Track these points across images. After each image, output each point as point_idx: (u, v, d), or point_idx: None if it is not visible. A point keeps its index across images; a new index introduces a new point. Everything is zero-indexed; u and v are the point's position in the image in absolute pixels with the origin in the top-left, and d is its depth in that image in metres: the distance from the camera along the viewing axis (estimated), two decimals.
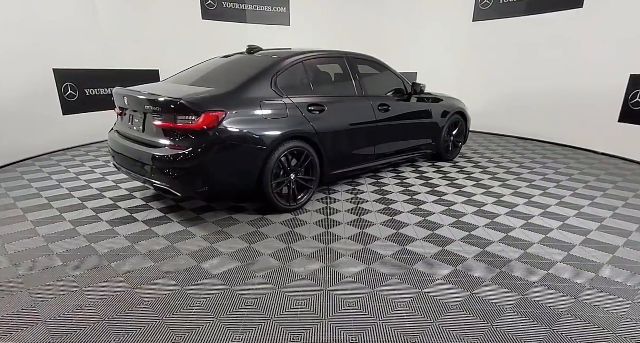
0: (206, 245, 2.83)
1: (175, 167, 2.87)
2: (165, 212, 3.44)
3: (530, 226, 3.24)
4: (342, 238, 2.95)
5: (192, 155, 2.83)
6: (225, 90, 3.09)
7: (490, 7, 7.78)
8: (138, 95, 3.13)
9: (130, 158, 3.20)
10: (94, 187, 4.13)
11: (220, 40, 7.91)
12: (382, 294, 2.24)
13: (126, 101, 3.22)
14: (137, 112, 3.21)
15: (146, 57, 7.10)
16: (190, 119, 2.84)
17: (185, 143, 2.87)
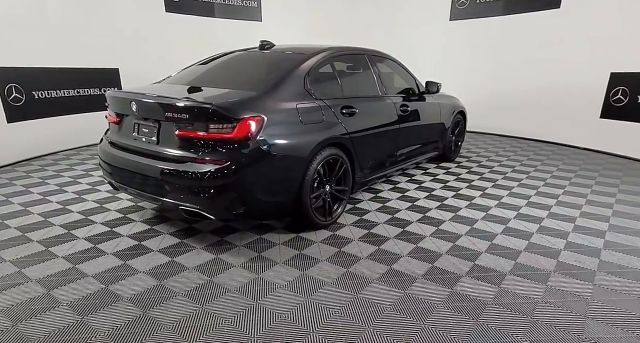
0: (251, 275, 2.37)
1: (209, 185, 2.38)
2: (180, 237, 2.90)
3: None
4: (401, 256, 2.64)
5: (230, 170, 2.36)
6: (261, 93, 2.65)
7: (467, 6, 7.86)
8: (154, 100, 2.60)
9: (140, 175, 2.65)
10: (73, 209, 3.44)
11: (187, 35, 7.27)
12: (484, 322, 1.96)
13: (134, 107, 2.64)
14: (147, 119, 2.66)
15: (104, 54, 6.29)
16: (226, 127, 2.37)
17: (219, 156, 2.39)
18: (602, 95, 6.13)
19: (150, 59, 7.01)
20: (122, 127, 2.88)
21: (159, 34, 6.98)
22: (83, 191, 3.92)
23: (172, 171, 2.45)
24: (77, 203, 3.59)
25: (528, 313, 2.03)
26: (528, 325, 1.94)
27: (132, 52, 6.69)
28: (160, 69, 7.17)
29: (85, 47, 5.99)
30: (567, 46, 6.54)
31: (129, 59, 6.70)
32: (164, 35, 7.03)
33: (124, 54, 6.58)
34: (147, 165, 2.59)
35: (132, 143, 2.77)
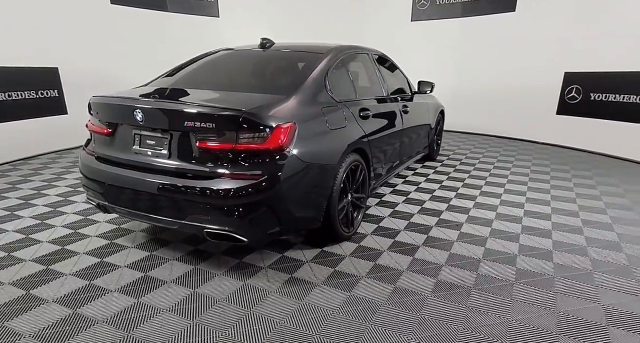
0: (294, 302, 2.09)
1: (242, 203, 2.06)
2: (191, 263, 2.52)
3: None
4: (441, 265, 2.51)
5: (266, 185, 2.06)
6: (288, 96, 2.36)
7: (428, 8, 8.05)
8: (171, 106, 2.21)
9: (147, 194, 2.24)
10: (41, 238, 2.87)
11: (135, 31, 6.64)
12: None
13: (138, 116, 2.21)
14: (154, 130, 2.25)
15: (41, 51, 5.50)
16: (258, 137, 2.07)
17: (253, 169, 2.07)
18: (557, 93, 6.58)
19: (97, 57, 6.28)
20: (116, 139, 2.42)
21: (104, 28, 6.27)
22: (43, 215, 3.31)
23: (196, 189, 2.09)
24: (43, 230, 3.00)
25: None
26: None
27: (74, 49, 5.92)
28: (109, 68, 6.47)
29: (19, 44, 5.17)
30: (523, 47, 6.93)
31: (70, 57, 5.92)
32: (110, 30, 6.35)
33: (64, 51, 5.81)
34: (157, 183, 2.19)
35: (133, 157, 2.34)
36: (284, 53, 3.08)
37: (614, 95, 5.85)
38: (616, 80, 5.79)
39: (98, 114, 2.45)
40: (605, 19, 5.82)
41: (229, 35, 7.85)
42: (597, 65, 5.99)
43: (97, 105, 2.45)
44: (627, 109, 5.68)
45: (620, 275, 2.43)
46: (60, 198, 3.73)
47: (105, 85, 6.44)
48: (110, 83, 6.47)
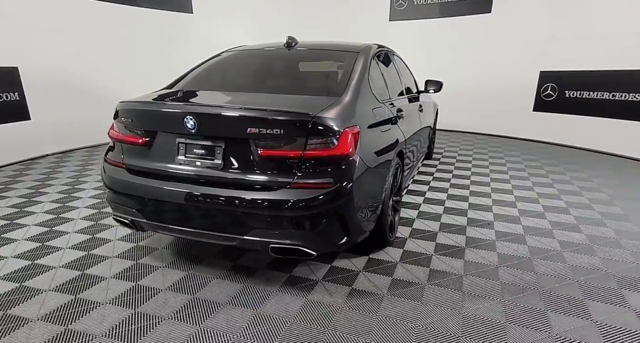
0: (367, 317, 1.97)
1: (314, 214, 1.91)
2: (238, 280, 2.31)
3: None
4: (497, 266, 2.50)
5: (337, 193, 1.92)
6: (344, 98, 2.22)
7: (405, 8, 8.16)
8: (228, 111, 2.02)
9: (200, 209, 2.03)
10: (50, 263, 2.52)
11: (104, 26, 6.16)
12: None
13: (189, 123, 1.97)
14: (206, 138, 2.03)
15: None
16: (327, 142, 1.91)
17: (323, 177, 1.92)
18: (533, 91, 6.93)
19: (63, 56, 5.72)
20: (154, 148, 2.16)
21: (69, 23, 5.75)
22: (40, 236, 2.92)
23: (262, 201, 1.90)
24: (47, 254, 2.64)
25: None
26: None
27: (36, 46, 5.36)
28: (78, 67, 5.90)
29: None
30: (500, 47, 7.22)
31: (32, 55, 5.35)
32: (76, 25, 5.84)
33: (24, 48, 5.24)
34: (212, 196, 1.97)
35: (177, 169, 2.10)
36: (315, 52, 2.93)
37: (588, 92, 6.25)
38: (588, 78, 6.18)
39: (132, 122, 2.17)
40: (577, 21, 6.20)
41: (204, 32, 7.48)
42: (571, 64, 6.37)
43: (130, 112, 2.18)
44: (599, 105, 6.09)
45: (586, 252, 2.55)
46: (52, 218, 3.31)
47: (74, 87, 5.89)
48: (77, 84, 5.93)
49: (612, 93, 5.92)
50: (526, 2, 6.79)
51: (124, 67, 6.56)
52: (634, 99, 5.66)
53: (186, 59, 7.21)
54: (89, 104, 6.06)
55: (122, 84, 6.39)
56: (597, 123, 6.13)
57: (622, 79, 5.74)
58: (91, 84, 6.19)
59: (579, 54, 6.22)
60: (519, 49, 6.97)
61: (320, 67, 2.81)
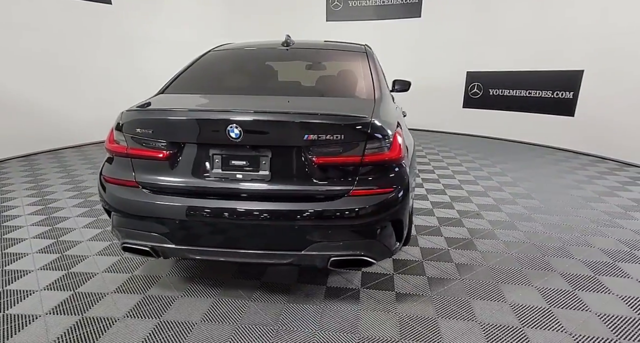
0: (435, 321, 1.96)
1: (377, 221, 1.83)
2: (277, 300, 2.12)
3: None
4: (511, 254, 2.68)
5: (396, 198, 1.85)
6: (376, 99, 2.16)
7: (341, 9, 8.33)
8: (284, 117, 1.81)
9: (246, 227, 1.81)
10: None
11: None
12: None
13: (233, 132, 1.72)
14: (251, 147, 1.80)
15: None
16: (382, 146, 1.84)
17: (381, 183, 1.84)
18: (462, 90, 7.62)
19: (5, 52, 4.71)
20: (180, 162, 1.85)
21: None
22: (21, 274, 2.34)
23: (323, 212, 1.76)
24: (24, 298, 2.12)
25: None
26: None
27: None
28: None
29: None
30: (431, 49, 7.78)
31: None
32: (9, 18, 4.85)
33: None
34: (263, 211, 1.77)
35: (212, 184, 1.83)
36: (321, 52, 2.80)
37: (508, 90, 7.07)
38: (509, 77, 7.00)
39: (152, 133, 1.83)
40: (495, 25, 6.96)
41: (124, 26, 6.71)
42: (493, 65, 7.14)
43: (148, 122, 1.84)
44: (518, 101, 6.93)
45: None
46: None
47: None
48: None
49: (528, 90, 6.79)
50: (450, 8, 7.41)
51: (24, 62, 5.56)
52: (546, 96, 6.56)
53: (97, 54, 6.44)
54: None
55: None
56: (517, 117, 6.96)
57: (536, 79, 6.60)
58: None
59: (499, 56, 7.00)
60: (448, 51, 7.58)
61: (334, 67, 2.70)
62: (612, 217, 3.31)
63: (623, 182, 4.37)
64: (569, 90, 6.14)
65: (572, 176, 4.62)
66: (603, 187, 4.15)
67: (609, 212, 3.41)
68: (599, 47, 5.61)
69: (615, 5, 5.38)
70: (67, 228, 3.04)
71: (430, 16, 7.66)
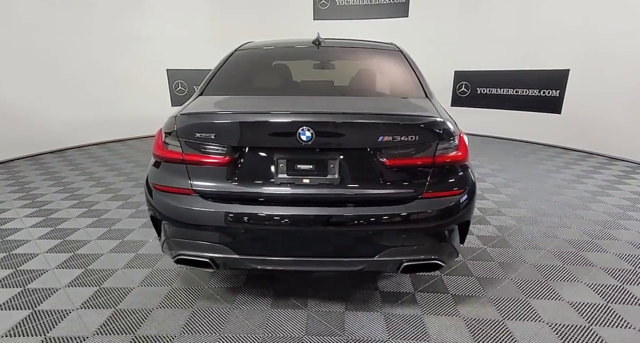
0: (503, 324, 1.95)
1: (451, 224, 1.79)
2: (330, 308, 2.03)
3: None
4: (544, 250, 2.73)
5: (468, 199, 1.82)
6: (430, 98, 2.13)
7: (328, 8, 8.27)
8: (358, 118, 1.75)
9: (315, 233, 1.73)
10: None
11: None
12: None
13: (304, 135, 1.63)
14: (319, 151, 1.72)
15: None
16: (451, 147, 1.80)
17: (452, 184, 1.79)
18: (450, 88, 7.77)
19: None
20: (242, 167, 1.73)
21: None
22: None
23: (396, 216, 1.70)
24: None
25: None
26: None
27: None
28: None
29: None
30: (419, 49, 7.80)
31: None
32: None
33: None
34: (334, 217, 1.69)
35: (280, 189, 1.72)
36: (355, 50, 2.72)
37: (495, 89, 7.28)
38: (496, 76, 7.21)
39: (215, 138, 1.70)
40: (482, 26, 7.15)
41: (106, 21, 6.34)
42: (480, 65, 7.33)
43: (209, 125, 1.72)
44: (505, 100, 7.16)
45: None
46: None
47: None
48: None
49: (515, 89, 7.02)
50: (438, 8, 7.54)
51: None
52: (532, 94, 6.80)
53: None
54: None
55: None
56: (504, 115, 7.18)
57: (523, 78, 6.83)
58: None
59: (487, 56, 7.19)
60: (435, 51, 7.69)
61: (369, 66, 2.62)
62: (624, 210, 3.46)
63: (618, 175, 4.58)
64: (555, 88, 6.40)
65: (570, 171, 4.79)
66: (602, 182, 4.33)
67: (619, 206, 3.56)
68: (584, 47, 5.87)
69: (599, 8, 5.65)
70: (81, 240, 2.80)
71: (418, 16, 7.75)
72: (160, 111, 7.48)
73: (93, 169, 4.77)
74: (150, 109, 7.21)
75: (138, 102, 7.01)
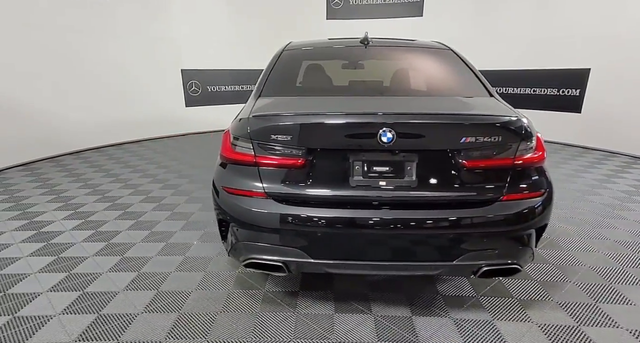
0: (576, 330, 1.91)
1: (529, 227, 1.74)
2: (403, 313, 1.99)
3: None
4: (597, 251, 2.69)
5: (548, 201, 1.77)
6: (493, 97, 2.10)
7: (342, 7, 8.23)
8: (442, 120, 1.73)
9: (392, 237, 1.70)
10: None
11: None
12: None
13: (385, 136, 1.60)
14: (400, 152, 1.68)
15: None
16: (530, 147, 1.76)
17: (534, 186, 1.75)
18: None
19: None
20: (316, 169, 1.69)
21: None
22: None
23: (478, 219, 1.66)
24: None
25: None
26: None
27: None
28: None
29: None
30: None
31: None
32: None
33: None
34: (413, 220, 1.65)
35: (356, 192, 1.68)
36: (406, 50, 2.68)
37: (512, 88, 7.25)
38: (511, 76, 7.17)
39: (290, 140, 1.66)
40: (497, 25, 7.11)
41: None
42: (495, 64, 7.28)
43: (285, 128, 1.68)
44: (522, 99, 7.11)
45: None
46: None
47: None
48: None
49: (532, 88, 6.99)
50: (453, 7, 7.50)
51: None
52: (551, 93, 6.76)
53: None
54: None
55: None
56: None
57: (541, 77, 6.80)
58: None
59: (503, 55, 7.16)
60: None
61: (422, 65, 2.58)
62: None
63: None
64: (575, 87, 6.37)
65: (597, 171, 4.76)
66: (635, 181, 4.30)
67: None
68: (605, 46, 5.84)
69: (619, 6, 5.63)
70: (124, 243, 2.75)
71: (432, 15, 7.72)
72: (174, 112, 7.46)
73: (116, 170, 4.71)
74: (165, 110, 7.16)
75: (153, 102, 6.95)
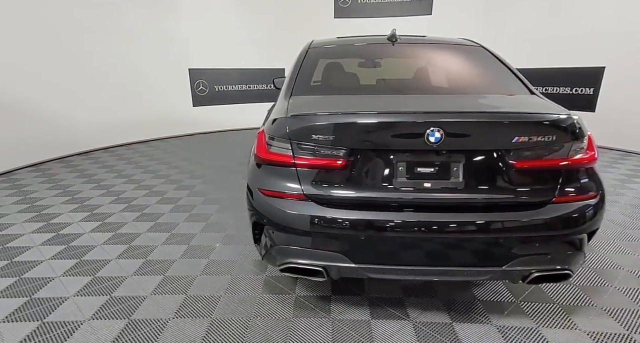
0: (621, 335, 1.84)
1: (583, 231, 1.67)
2: (450, 317, 1.91)
3: None
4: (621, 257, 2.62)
5: (601, 203, 1.70)
6: (534, 95, 2.03)
7: (349, 6, 8.15)
8: (493, 118, 1.65)
9: (438, 241, 1.62)
10: None
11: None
12: None
13: (433, 136, 1.54)
14: (446, 153, 1.61)
15: None
16: (582, 148, 1.68)
17: (586, 188, 1.68)
18: None
19: None
20: (357, 171, 1.62)
21: None
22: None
23: (529, 223, 1.58)
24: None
25: None
26: None
27: None
28: None
29: None
30: None
31: None
32: None
33: None
34: (460, 223, 1.58)
35: (399, 194, 1.61)
36: (435, 47, 2.60)
37: None
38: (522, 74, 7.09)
39: (333, 140, 1.59)
40: (507, 23, 7.04)
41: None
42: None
43: (327, 127, 1.60)
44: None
45: None
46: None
47: None
48: None
49: (544, 87, 6.91)
50: (462, 5, 7.43)
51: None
52: (563, 92, 6.69)
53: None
54: None
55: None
56: None
57: (553, 75, 6.73)
58: None
59: (513, 53, 7.06)
60: None
61: (455, 63, 2.50)
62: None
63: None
64: (589, 86, 6.30)
65: (616, 170, 4.69)
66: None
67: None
68: (621, 44, 5.77)
69: (633, 2, 5.56)
70: (147, 245, 2.67)
71: (441, 13, 7.64)
72: (182, 112, 7.38)
73: (128, 171, 4.63)
74: (172, 110, 7.08)
75: (161, 102, 6.88)
